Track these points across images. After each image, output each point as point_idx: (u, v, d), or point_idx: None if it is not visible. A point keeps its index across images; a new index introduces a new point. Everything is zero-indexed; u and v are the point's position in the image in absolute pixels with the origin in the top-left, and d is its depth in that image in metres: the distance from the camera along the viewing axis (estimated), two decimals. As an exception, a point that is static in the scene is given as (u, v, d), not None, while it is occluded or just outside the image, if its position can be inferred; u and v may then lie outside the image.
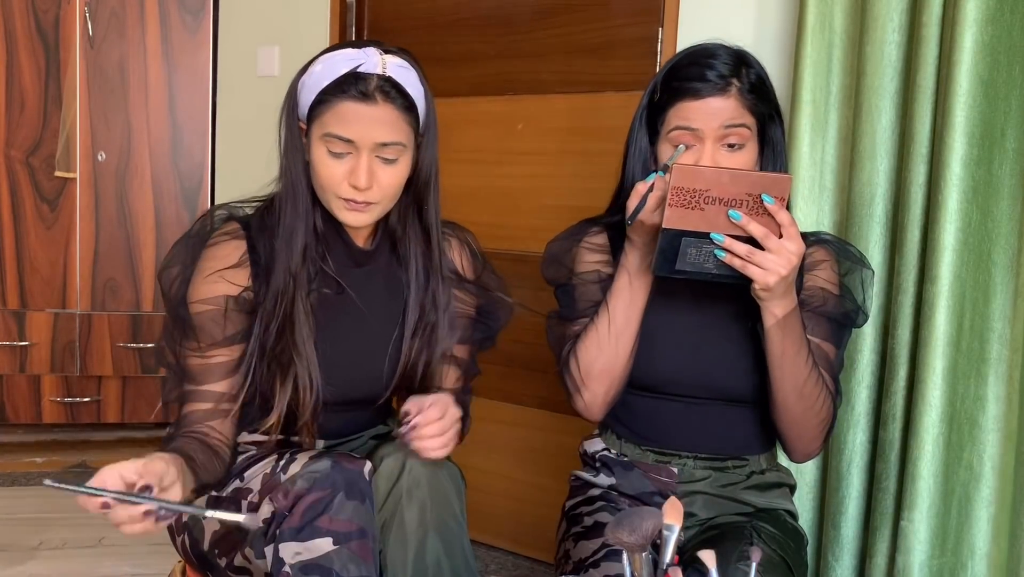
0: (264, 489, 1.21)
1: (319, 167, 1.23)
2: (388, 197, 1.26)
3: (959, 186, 1.52)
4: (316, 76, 1.23)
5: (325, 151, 1.22)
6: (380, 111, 1.20)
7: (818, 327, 1.32)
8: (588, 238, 1.40)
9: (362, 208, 1.24)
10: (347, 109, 1.20)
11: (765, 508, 1.36)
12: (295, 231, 1.26)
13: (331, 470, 1.16)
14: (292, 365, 1.25)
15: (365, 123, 1.20)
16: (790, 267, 1.16)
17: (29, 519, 2.49)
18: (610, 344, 1.31)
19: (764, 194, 1.15)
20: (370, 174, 1.21)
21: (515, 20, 2.28)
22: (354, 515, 1.15)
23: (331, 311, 1.31)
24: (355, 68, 1.20)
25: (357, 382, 1.34)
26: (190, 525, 1.30)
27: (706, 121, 1.24)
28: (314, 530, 1.14)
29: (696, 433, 1.35)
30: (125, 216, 3.02)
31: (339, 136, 1.20)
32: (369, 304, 1.34)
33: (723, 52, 1.27)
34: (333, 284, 1.31)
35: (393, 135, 1.21)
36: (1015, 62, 1.50)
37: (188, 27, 3.01)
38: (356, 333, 1.33)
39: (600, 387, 1.33)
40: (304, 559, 1.13)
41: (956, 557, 1.58)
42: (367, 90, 1.19)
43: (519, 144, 2.29)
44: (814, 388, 1.26)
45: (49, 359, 3.02)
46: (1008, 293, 1.53)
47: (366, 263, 1.35)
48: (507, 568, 2.30)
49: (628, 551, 0.99)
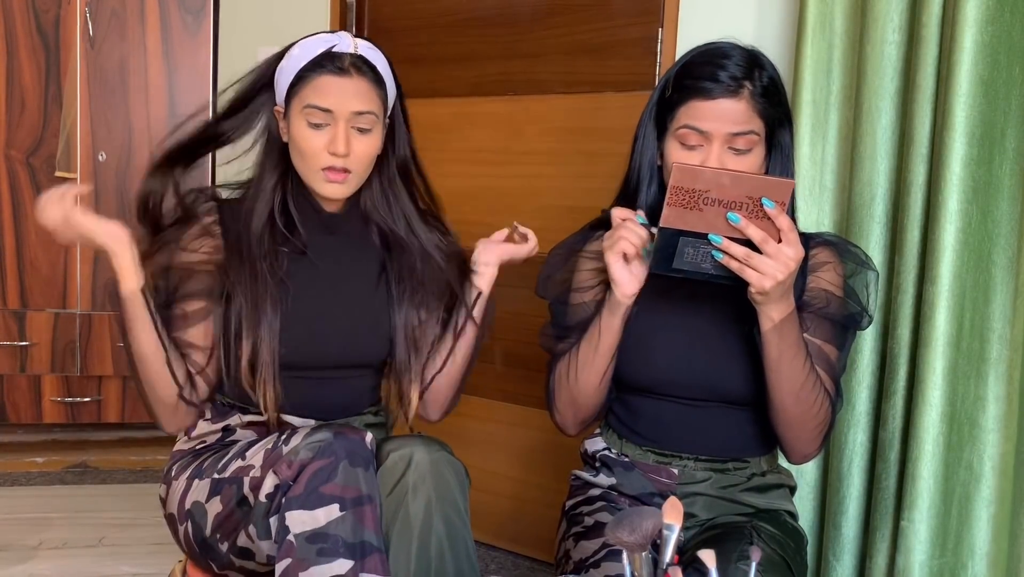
0: (266, 464, 1.23)
1: (300, 140, 1.34)
2: (363, 167, 1.37)
3: (959, 186, 1.52)
4: (295, 58, 1.35)
5: (305, 123, 1.33)
6: (354, 83, 1.33)
7: (820, 329, 1.31)
8: (588, 246, 1.41)
9: (341, 179, 1.34)
10: (325, 82, 1.33)
11: (765, 509, 1.37)
12: (260, 195, 1.38)
13: (333, 439, 1.19)
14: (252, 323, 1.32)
15: (341, 94, 1.32)
16: (787, 272, 1.16)
17: (29, 519, 2.49)
18: (573, 383, 1.34)
19: (764, 198, 1.14)
20: (347, 142, 1.32)
21: (515, 20, 2.29)
22: (359, 481, 1.18)
23: (297, 276, 1.38)
24: (330, 48, 1.34)
25: (330, 344, 1.38)
26: (193, 512, 1.31)
27: (715, 124, 1.23)
28: (320, 497, 1.16)
29: (697, 435, 1.35)
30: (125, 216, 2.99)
31: (318, 106, 1.32)
32: (341, 268, 1.41)
33: (737, 53, 1.27)
34: (298, 249, 1.40)
35: (367, 104, 1.34)
36: (1015, 62, 1.50)
37: (188, 27, 3.01)
38: (324, 296, 1.39)
39: (568, 412, 1.38)
40: (310, 528, 1.15)
41: (956, 557, 1.58)
42: (343, 65, 1.33)
43: (519, 144, 2.29)
44: (811, 391, 1.26)
45: (49, 359, 3.02)
46: (1008, 293, 1.53)
47: (336, 230, 1.43)
48: (507, 568, 2.30)
49: (628, 551, 0.99)
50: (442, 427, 1.50)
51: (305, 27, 1.46)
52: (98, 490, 2.75)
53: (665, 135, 1.30)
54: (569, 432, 1.42)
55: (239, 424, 1.38)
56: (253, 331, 1.31)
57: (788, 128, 1.31)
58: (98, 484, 2.80)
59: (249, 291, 1.32)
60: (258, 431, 1.38)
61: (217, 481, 1.30)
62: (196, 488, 1.32)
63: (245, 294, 1.32)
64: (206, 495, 1.30)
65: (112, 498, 2.68)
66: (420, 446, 1.26)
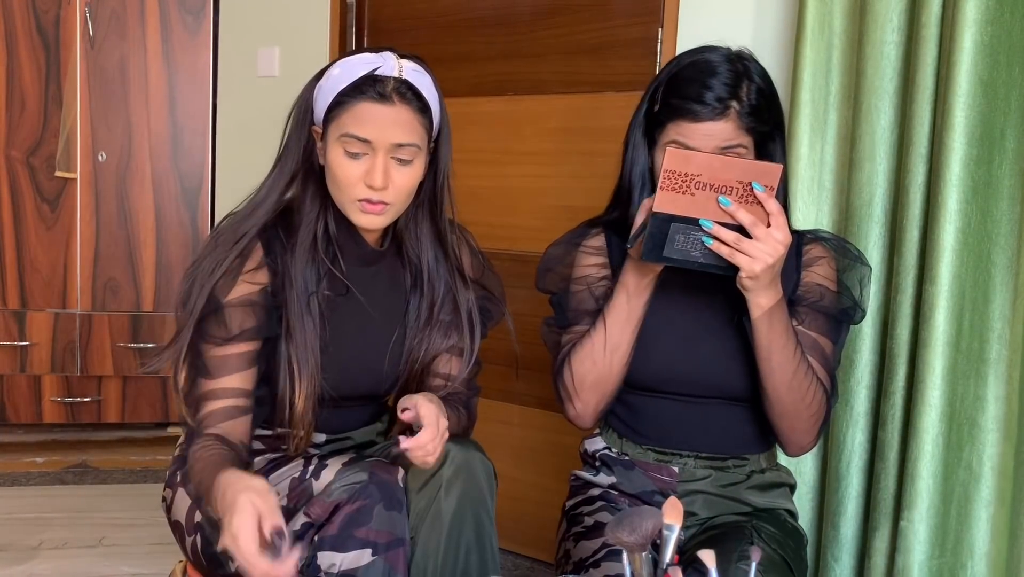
0: (293, 495, 1.24)
1: (336, 168, 1.25)
2: (402, 199, 1.28)
3: (959, 186, 1.52)
4: (334, 79, 1.25)
5: (342, 152, 1.24)
6: (397, 112, 1.23)
7: (815, 322, 1.33)
8: (586, 241, 1.42)
9: (378, 210, 1.26)
10: (365, 109, 1.23)
11: (765, 508, 1.37)
12: (304, 225, 1.30)
13: (368, 481, 1.19)
14: (294, 361, 1.27)
15: (382, 123, 1.23)
16: (776, 256, 1.18)
17: (29, 519, 2.49)
18: (605, 359, 1.32)
19: (754, 182, 1.16)
20: (386, 174, 1.24)
21: (515, 20, 2.29)
22: (392, 525, 1.18)
23: (338, 310, 1.33)
24: (373, 71, 1.24)
25: (358, 379, 1.36)
26: (204, 526, 1.30)
27: (702, 142, 1.25)
28: (352, 541, 1.16)
29: (696, 432, 1.36)
30: (125, 216, 3.02)
31: (357, 136, 1.23)
32: (374, 303, 1.36)
33: (724, 68, 1.26)
34: (341, 285, 1.33)
35: (409, 136, 1.24)
36: (1015, 62, 1.50)
37: (188, 28, 3.01)
38: (360, 332, 1.36)
39: (592, 398, 1.35)
40: (340, 569, 1.16)
41: (955, 557, 1.58)
42: (385, 91, 1.23)
43: (519, 144, 2.29)
44: (804, 380, 1.27)
45: (49, 359, 3.03)
46: (1008, 293, 1.53)
47: (374, 263, 1.37)
48: (507, 568, 2.31)
49: (628, 551, 0.99)
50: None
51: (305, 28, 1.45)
52: (98, 490, 2.75)
53: (655, 147, 1.32)
54: (587, 422, 1.38)
55: None
56: (302, 368, 1.27)
57: (779, 140, 1.32)
58: (98, 484, 2.80)
59: (300, 327, 1.27)
60: (265, 442, 1.36)
61: None
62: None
63: (299, 330, 1.27)
64: None
65: (112, 498, 2.68)
66: (455, 444, 1.26)
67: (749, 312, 1.24)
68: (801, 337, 1.29)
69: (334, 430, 1.40)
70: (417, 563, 1.24)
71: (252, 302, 1.26)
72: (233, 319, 1.25)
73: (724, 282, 1.25)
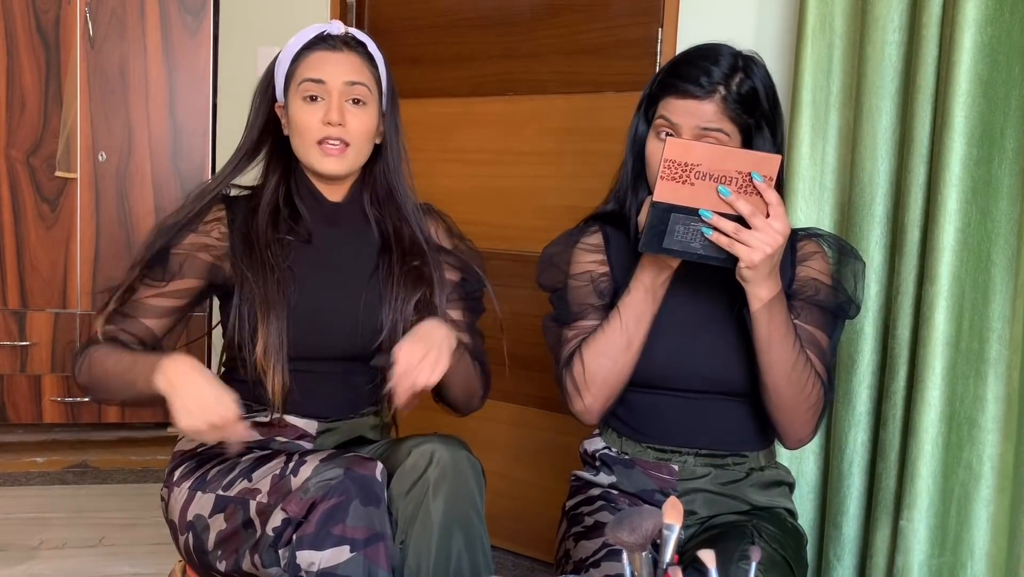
0: (272, 491, 1.23)
1: (296, 116, 1.37)
2: (360, 142, 1.38)
3: (959, 186, 1.52)
4: (289, 47, 1.40)
5: (300, 101, 1.37)
6: (346, 56, 1.39)
7: (811, 316, 1.34)
8: (584, 239, 1.42)
9: (337, 151, 1.36)
10: (318, 57, 1.38)
11: (765, 506, 1.37)
12: (266, 188, 1.42)
13: (344, 476, 1.19)
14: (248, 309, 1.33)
15: (333, 65, 1.37)
16: (776, 246, 1.18)
17: (29, 519, 2.49)
18: (620, 354, 1.32)
19: (754, 172, 1.17)
20: (341, 111, 1.35)
21: (515, 20, 2.29)
22: (369, 521, 1.18)
23: (301, 261, 1.39)
24: (322, 32, 1.40)
25: (332, 334, 1.38)
26: (195, 524, 1.31)
27: (684, 119, 1.27)
28: (330, 538, 1.16)
29: (695, 429, 1.36)
30: (126, 216, 3.02)
31: (311, 78, 1.36)
32: (341, 259, 1.42)
33: (724, 58, 1.29)
34: (304, 233, 1.41)
35: (359, 75, 1.38)
36: (1015, 62, 1.50)
37: (188, 27, 3.01)
38: (328, 284, 1.40)
39: (602, 392, 1.34)
40: (320, 568, 1.15)
41: (956, 557, 1.58)
42: (334, 44, 1.39)
43: (519, 144, 2.29)
44: (802, 372, 1.28)
45: (49, 359, 3.02)
46: (1008, 293, 1.53)
47: (338, 222, 1.44)
48: (507, 568, 2.30)
49: (628, 551, 0.99)
50: (442, 427, 1.50)
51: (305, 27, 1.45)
52: (98, 490, 2.75)
53: (650, 129, 1.34)
54: (593, 418, 1.37)
55: None
56: (264, 318, 1.31)
57: (768, 135, 1.32)
58: (98, 484, 2.80)
59: (259, 279, 1.33)
60: (260, 432, 1.37)
61: (221, 498, 1.29)
62: (199, 501, 1.32)
63: (256, 282, 1.33)
64: (209, 510, 1.30)
65: (112, 498, 2.68)
66: (440, 444, 1.27)
67: (749, 305, 1.25)
68: (798, 331, 1.30)
69: (321, 410, 1.40)
70: (409, 567, 1.24)
71: (199, 249, 1.36)
72: (174, 262, 1.34)
73: (724, 277, 1.25)
